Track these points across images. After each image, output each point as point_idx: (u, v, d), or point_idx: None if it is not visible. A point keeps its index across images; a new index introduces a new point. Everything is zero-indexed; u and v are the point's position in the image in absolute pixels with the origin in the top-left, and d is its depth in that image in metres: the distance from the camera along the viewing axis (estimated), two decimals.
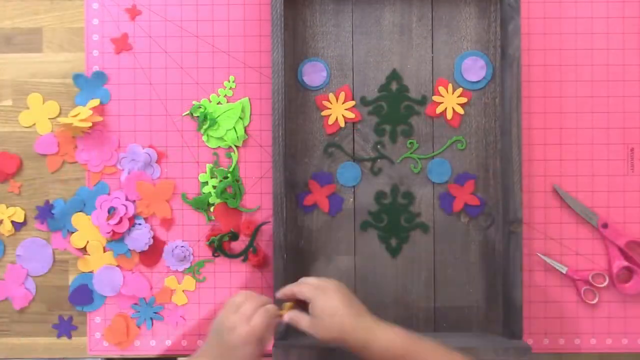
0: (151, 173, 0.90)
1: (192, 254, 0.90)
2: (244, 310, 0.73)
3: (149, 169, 0.90)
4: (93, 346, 0.91)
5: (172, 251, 0.90)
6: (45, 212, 0.90)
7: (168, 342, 0.91)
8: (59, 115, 0.91)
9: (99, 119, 0.89)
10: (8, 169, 0.91)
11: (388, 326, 0.74)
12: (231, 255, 0.90)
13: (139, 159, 0.90)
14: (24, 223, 0.91)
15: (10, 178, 0.91)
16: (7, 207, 0.91)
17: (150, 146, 0.90)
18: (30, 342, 0.91)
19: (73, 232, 0.90)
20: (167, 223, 0.90)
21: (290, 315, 0.76)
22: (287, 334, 0.85)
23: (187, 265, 0.90)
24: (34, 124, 0.91)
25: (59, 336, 0.91)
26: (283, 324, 0.79)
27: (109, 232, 0.88)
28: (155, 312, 0.90)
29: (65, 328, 0.91)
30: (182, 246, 0.90)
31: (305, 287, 0.77)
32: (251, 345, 0.72)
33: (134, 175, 0.90)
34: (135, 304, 0.90)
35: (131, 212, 0.89)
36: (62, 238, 0.90)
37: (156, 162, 0.90)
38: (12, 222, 0.91)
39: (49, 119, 0.91)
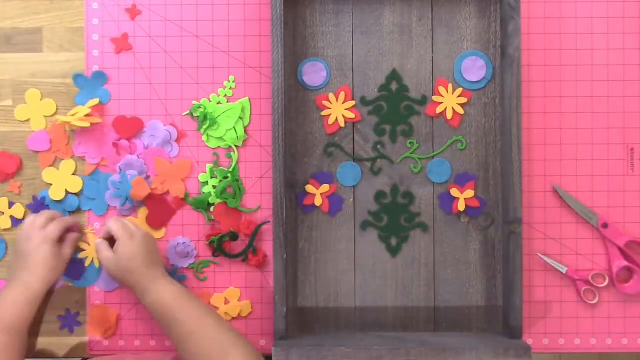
0: (169, 151, 0.90)
1: (195, 250, 0.90)
2: (38, 222, 0.84)
3: (167, 147, 0.90)
4: (93, 346, 0.91)
5: (175, 248, 0.90)
6: (39, 207, 0.90)
7: (168, 343, 0.90)
8: (56, 113, 0.91)
9: (98, 120, 0.89)
10: (8, 169, 0.91)
11: (168, 284, 0.83)
12: (231, 255, 0.90)
13: (159, 136, 0.90)
14: (22, 221, 0.91)
15: (10, 178, 0.91)
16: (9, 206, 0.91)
17: (172, 124, 0.90)
18: (30, 342, 0.91)
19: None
20: (179, 203, 0.90)
21: (98, 242, 0.85)
22: (287, 334, 0.85)
23: (192, 261, 0.90)
24: (29, 119, 0.90)
25: (61, 328, 0.91)
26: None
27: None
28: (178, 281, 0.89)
29: (70, 322, 0.90)
30: (184, 243, 0.90)
31: (117, 225, 0.84)
32: (46, 246, 0.82)
33: (151, 151, 0.90)
34: None
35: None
36: None
37: (175, 141, 0.90)
38: (11, 217, 0.91)
39: (44, 116, 0.90)
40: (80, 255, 0.90)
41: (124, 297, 0.90)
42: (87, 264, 0.90)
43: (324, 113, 0.90)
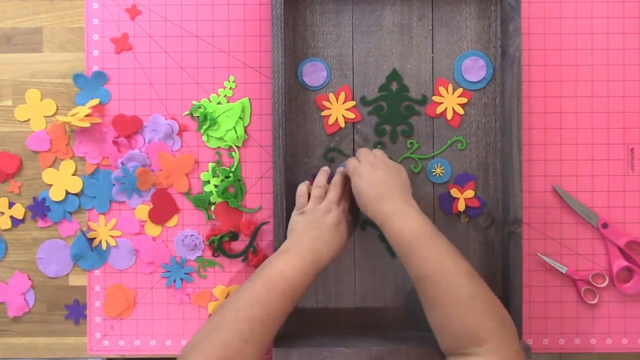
0: (171, 145, 0.90)
1: (203, 242, 0.90)
2: (334, 197, 0.82)
3: (169, 141, 0.90)
4: (93, 346, 0.91)
5: (183, 241, 0.90)
6: (40, 207, 0.90)
7: (168, 342, 0.91)
8: (56, 113, 0.91)
9: (98, 120, 0.89)
10: (8, 169, 0.91)
11: (407, 215, 0.78)
12: (231, 255, 0.90)
13: (160, 130, 0.90)
14: (22, 221, 0.91)
15: (10, 178, 0.91)
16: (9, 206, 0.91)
17: (173, 118, 0.90)
18: (30, 342, 0.91)
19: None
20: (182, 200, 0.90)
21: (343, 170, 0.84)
22: (287, 334, 0.85)
23: (199, 254, 0.90)
24: (29, 119, 0.91)
25: (67, 317, 0.91)
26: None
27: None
28: (185, 273, 0.90)
29: (76, 313, 0.91)
30: (191, 235, 0.90)
31: (348, 166, 0.83)
32: (344, 222, 0.82)
33: (153, 145, 0.90)
34: (166, 263, 0.90)
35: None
36: (69, 222, 0.90)
37: (177, 134, 0.90)
38: (11, 217, 0.91)
39: (44, 116, 0.91)
40: (90, 235, 0.90)
41: None
42: (94, 244, 0.90)
43: (324, 113, 0.90)
